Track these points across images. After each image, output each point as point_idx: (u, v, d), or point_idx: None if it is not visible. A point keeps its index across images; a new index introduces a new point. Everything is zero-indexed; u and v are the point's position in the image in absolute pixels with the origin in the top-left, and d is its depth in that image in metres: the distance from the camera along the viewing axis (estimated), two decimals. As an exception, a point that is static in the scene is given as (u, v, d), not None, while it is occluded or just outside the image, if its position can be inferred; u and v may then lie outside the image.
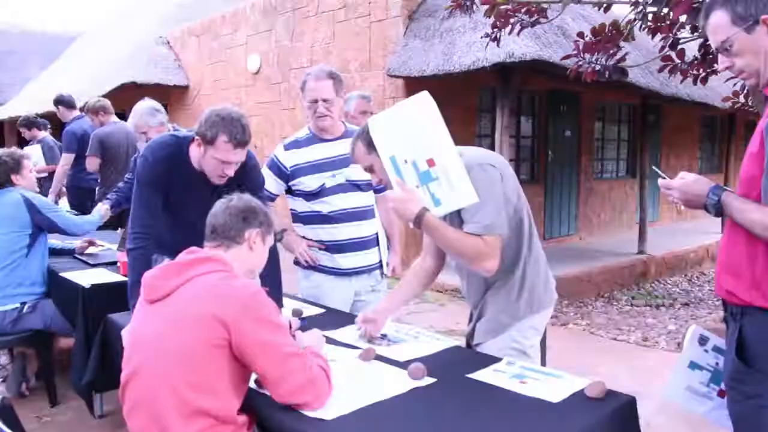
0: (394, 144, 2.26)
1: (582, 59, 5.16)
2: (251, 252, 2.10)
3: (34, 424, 3.57)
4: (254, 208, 2.12)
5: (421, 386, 2.03)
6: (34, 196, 3.89)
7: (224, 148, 2.59)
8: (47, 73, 18.67)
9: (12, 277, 3.74)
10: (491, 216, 2.22)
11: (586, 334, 5.82)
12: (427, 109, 2.20)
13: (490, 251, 2.23)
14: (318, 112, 3.10)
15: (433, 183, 2.23)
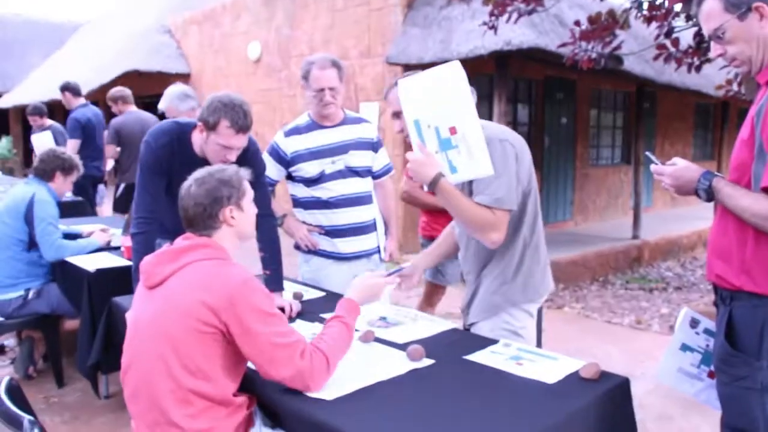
0: (420, 108, 2.28)
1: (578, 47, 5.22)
2: (233, 227, 2.05)
3: (42, 405, 3.64)
4: (216, 185, 2.02)
5: (419, 368, 2.07)
6: (43, 201, 3.84)
7: (226, 134, 2.62)
8: (51, 62, 18.65)
9: (15, 265, 3.79)
10: (503, 190, 2.28)
11: (581, 317, 5.91)
12: (456, 79, 2.22)
13: (498, 224, 2.29)
14: (325, 100, 3.12)
15: (452, 150, 2.26)
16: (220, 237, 2.04)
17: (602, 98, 11.01)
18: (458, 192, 2.32)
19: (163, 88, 4.90)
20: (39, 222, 3.77)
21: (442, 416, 1.75)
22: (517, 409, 1.79)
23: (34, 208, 3.79)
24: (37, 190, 3.86)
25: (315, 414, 1.78)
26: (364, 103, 8.11)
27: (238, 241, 2.09)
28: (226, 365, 1.87)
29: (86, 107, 6.95)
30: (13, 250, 3.78)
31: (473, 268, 2.59)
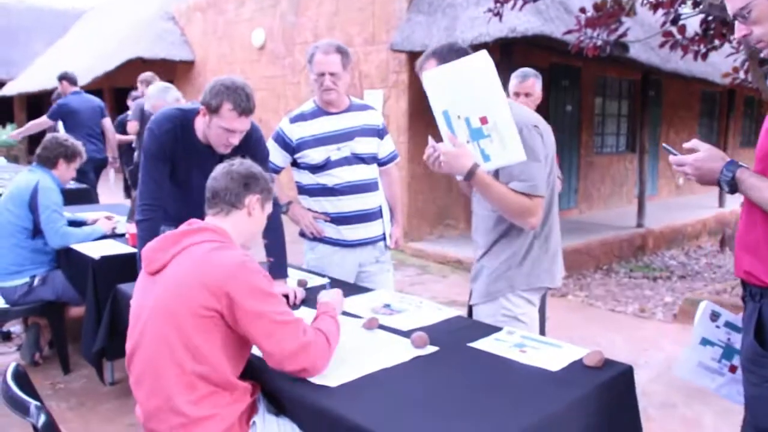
0: (449, 99, 2.28)
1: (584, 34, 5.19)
2: (250, 218, 2.10)
3: (48, 391, 3.67)
4: (255, 174, 2.12)
5: (423, 355, 2.07)
6: (47, 189, 3.85)
7: (229, 117, 2.62)
8: (54, 49, 18.65)
9: (20, 252, 3.80)
10: (537, 177, 2.32)
11: (585, 305, 5.92)
12: (484, 68, 2.21)
13: (535, 209, 2.35)
14: (324, 85, 3.10)
15: (484, 140, 2.27)
16: (233, 220, 2.07)
17: (607, 86, 10.97)
18: (495, 181, 2.35)
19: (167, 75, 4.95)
20: (43, 209, 3.77)
21: (445, 403, 1.76)
22: (520, 397, 1.80)
23: (38, 195, 3.79)
24: (41, 178, 3.87)
25: (319, 401, 1.79)
26: (368, 90, 8.09)
27: (244, 233, 2.11)
28: (227, 349, 1.87)
29: (77, 95, 7.24)
30: (18, 238, 3.79)
31: (483, 242, 2.60)
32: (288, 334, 1.84)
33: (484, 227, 2.58)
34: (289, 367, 1.84)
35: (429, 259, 7.40)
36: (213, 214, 2.09)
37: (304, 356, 1.84)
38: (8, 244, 3.78)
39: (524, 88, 3.90)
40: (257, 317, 1.82)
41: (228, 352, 1.87)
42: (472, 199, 2.68)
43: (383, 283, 3.34)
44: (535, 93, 3.90)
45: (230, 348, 1.88)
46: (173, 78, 12.38)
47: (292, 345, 1.83)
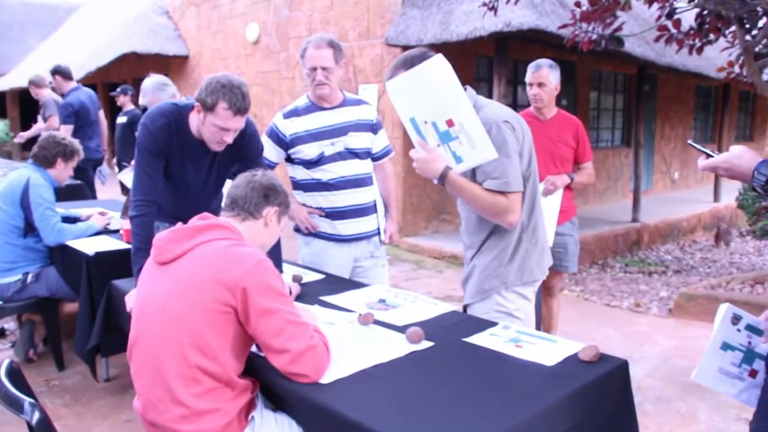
0: (413, 106, 2.30)
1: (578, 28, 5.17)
2: (266, 228, 2.14)
3: (43, 388, 3.65)
4: (276, 187, 2.16)
5: (418, 350, 2.07)
6: (38, 186, 3.82)
7: (224, 115, 2.59)
8: (48, 44, 18.59)
9: (12, 250, 3.78)
10: (511, 173, 2.31)
11: (581, 300, 5.92)
12: (442, 72, 2.23)
13: (512, 206, 2.34)
14: (317, 80, 3.10)
15: (453, 142, 2.29)
16: (248, 227, 2.10)
17: (602, 80, 10.97)
18: (469, 182, 2.36)
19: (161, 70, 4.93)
20: (36, 207, 3.75)
21: (441, 398, 1.76)
22: (516, 391, 1.80)
23: (29, 192, 3.76)
24: (32, 175, 3.84)
25: (315, 396, 1.79)
26: (363, 85, 8.07)
27: (257, 242, 2.12)
28: (235, 346, 1.88)
29: (78, 90, 7.00)
30: (9, 236, 3.77)
31: (472, 242, 2.61)
32: (298, 333, 1.85)
33: (472, 227, 2.59)
34: (294, 368, 1.84)
35: (424, 254, 7.40)
36: (229, 216, 2.11)
37: (311, 357, 1.85)
38: (0, 242, 3.76)
39: (537, 78, 3.86)
40: (269, 314, 1.83)
41: (236, 350, 1.88)
42: (458, 201, 2.69)
43: (378, 278, 3.33)
44: (549, 83, 3.85)
45: (238, 345, 1.89)
46: (167, 72, 12.34)
47: (301, 345, 1.83)
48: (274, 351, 1.85)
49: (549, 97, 3.88)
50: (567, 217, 3.93)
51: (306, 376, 1.85)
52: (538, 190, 2.55)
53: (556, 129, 3.91)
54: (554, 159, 3.86)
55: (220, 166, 2.97)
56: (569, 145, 3.91)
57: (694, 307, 5.21)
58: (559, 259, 3.89)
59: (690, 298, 5.26)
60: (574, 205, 4.07)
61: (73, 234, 3.85)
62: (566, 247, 3.95)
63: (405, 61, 2.38)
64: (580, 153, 3.96)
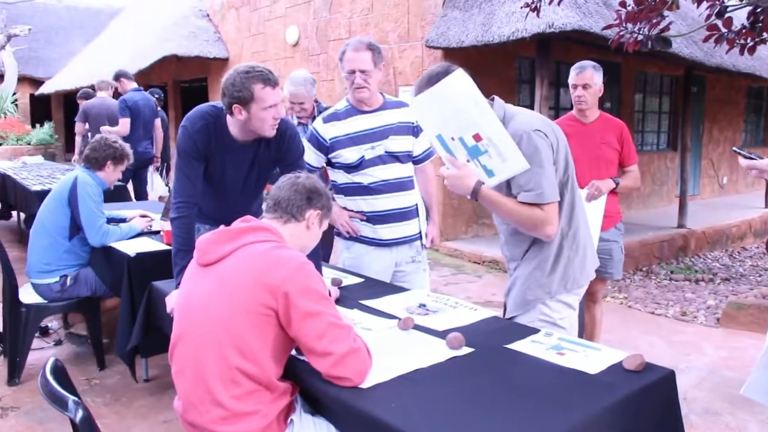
0: (438, 123, 2.28)
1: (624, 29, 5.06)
2: (307, 231, 2.14)
3: (84, 386, 3.70)
4: (319, 190, 2.16)
5: (459, 356, 2.04)
6: (85, 184, 3.85)
7: (265, 95, 2.59)
8: (91, 48, 18.99)
9: (55, 252, 3.82)
10: (545, 183, 2.25)
11: (624, 307, 5.79)
12: (464, 86, 2.20)
13: (548, 218, 2.28)
14: (355, 83, 3.07)
15: (483, 156, 2.26)
16: (290, 229, 2.10)
17: (648, 82, 10.76)
18: (502, 196, 2.32)
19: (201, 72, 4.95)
20: (83, 206, 3.78)
21: (481, 405, 1.72)
22: (558, 400, 1.75)
23: (77, 190, 3.80)
24: (80, 174, 3.89)
25: (353, 401, 1.78)
26: (403, 88, 8.04)
27: (298, 245, 2.13)
28: (276, 349, 1.87)
29: (137, 91, 7.45)
30: (55, 237, 3.81)
31: (513, 254, 2.56)
32: (341, 336, 1.84)
33: (511, 239, 2.54)
34: (338, 371, 1.82)
35: (464, 259, 7.33)
36: (271, 218, 2.11)
37: (354, 360, 1.83)
38: (45, 243, 3.81)
39: (581, 80, 3.80)
40: (312, 316, 1.82)
41: (276, 353, 1.88)
42: (493, 214, 2.63)
43: (419, 283, 3.29)
44: (594, 85, 3.78)
45: (278, 348, 1.89)
46: (207, 75, 12.50)
47: (344, 347, 1.82)
48: (316, 354, 1.83)
49: (593, 99, 3.81)
50: (612, 223, 3.84)
51: (349, 380, 1.83)
52: (577, 195, 2.48)
53: (600, 132, 3.82)
54: (598, 162, 3.76)
55: (260, 168, 2.96)
56: (614, 148, 3.82)
57: (744, 317, 5.05)
58: (604, 266, 3.77)
59: (740, 308, 5.10)
60: (620, 210, 3.96)
61: (117, 236, 3.89)
62: (611, 254, 3.85)
63: (429, 79, 2.33)
64: (625, 156, 3.86)
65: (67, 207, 3.82)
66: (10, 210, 8.52)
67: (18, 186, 6.70)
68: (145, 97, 7.56)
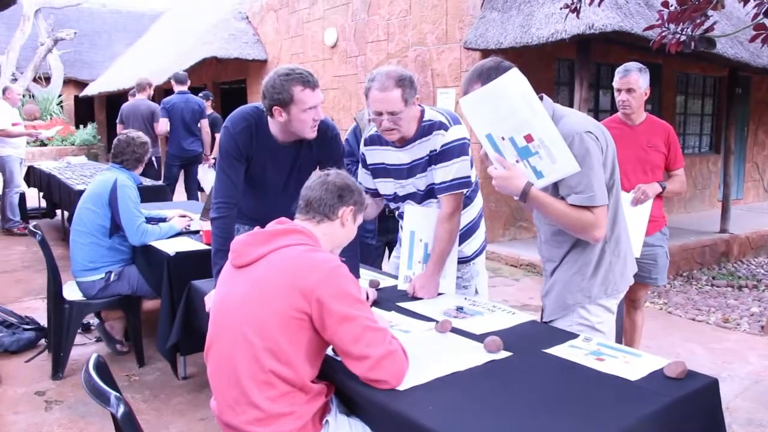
0: (489, 122, 2.26)
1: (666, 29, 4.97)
2: (342, 228, 2.13)
3: (124, 382, 3.76)
4: (350, 186, 2.15)
5: (496, 359, 2.03)
6: (125, 187, 3.92)
7: (304, 96, 2.60)
8: (133, 50, 19.34)
9: (97, 250, 3.90)
10: (594, 187, 2.22)
11: (663, 313, 5.69)
12: (518, 86, 2.18)
13: (598, 221, 2.25)
14: (383, 126, 2.66)
15: (533, 157, 2.24)
16: (324, 228, 2.09)
17: (690, 83, 10.56)
18: (552, 198, 2.29)
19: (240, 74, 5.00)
20: (123, 207, 3.87)
21: (519, 410, 1.71)
22: (598, 406, 1.73)
23: (117, 193, 3.89)
24: (119, 176, 3.97)
25: (389, 403, 1.77)
26: (441, 90, 8.02)
27: (333, 243, 2.13)
28: (309, 352, 1.87)
29: (179, 95, 7.99)
30: (96, 236, 3.90)
31: (551, 255, 2.53)
32: (376, 339, 1.82)
33: (552, 240, 2.51)
34: (374, 374, 1.81)
35: (501, 262, 7.28)
36: (304, 219, 2.11)
37: (390, 363, 1.82)
38: (87, 242, 3.90)
39: (625, 84, 3.71)
40: (346, 320, 1.81)
41: (310, 356, 1.88)
42: (533, 213, 2.60)
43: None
44: (638, 88, 3.68)
45: (312, 351, 1.88)
46: (246, 77, 12.63)
47: (380, 351, 1.81)
48: (353, 358, 1.83)
49: (638, 103, 3.72)
50: (657, 227, 3.74)
51: (386, 382, 1.82)
52: (621, 199, 2.45)
53: (646, 135, 3.74)
54: (644, 166, 3.68)
55: (300, 169, 2.97)
56: (660, 152, 3.73)
57: (790, 325, 4.92)
58: (648, 271, 3.71)
59: (784, 314, 4.97)
60: (664, 214, 3.86)
61: (156, 235, 3.96)
62: (656, 259, 3.75)
63: (480, 73, 2.31)
64: (671, 159, 3.77)
65: (107, 208, 3.90)
66: (55, 209, 8.75)
67: (62, 185, 6.87)
68: (185, 99, 7.91)
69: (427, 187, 2.82)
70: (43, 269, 5.43)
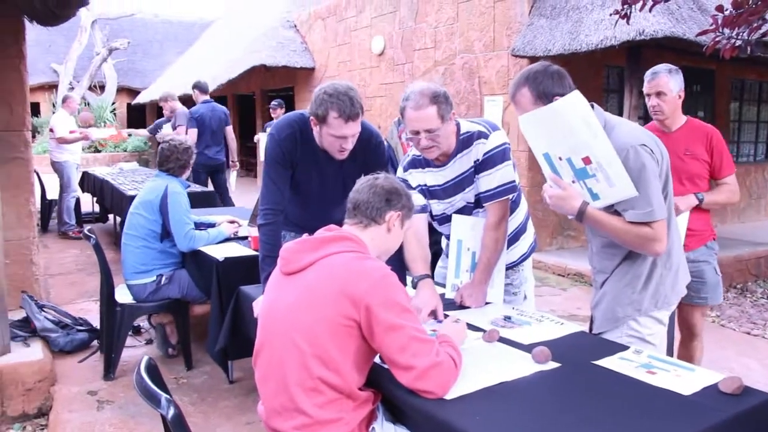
0: (547, 142, 2.25)
1: (720, 34, 4.85)
2: (389, 233, 2.11)
3: (173, 385, 3.83)
4: (398, 190, 2.13)
5: (545, 370, 2.00)
6: (176, 194, 4.02)
7: (336, 124, 2.60)
8: (183, 59, 19.77)
9: (149, 253, 4.00)
10: (653, 201, 2.18)
11: (716, 326, 5.53)
12: (578, 108, 2.17)
13: (658, 235, 2.21)
14: (422, 145, 2.62)
15: (590, 179, 2.23)
16: (371, 233, 2.08)
17: (745, 89, 10.28)
18: (609, 216, 2.26)
19: (288, 81, 5.04)
20: (174, 214, 3.96)
21: (567, 423, 1.68)
22: (649, 420, 1.69)
23: (168, 200, 3.98)
24: (169, 184, 4.07)
25: (436, 412, 1.76)
26: (488, 97, 7.98)
27: (380, 248, 2.12)
28: (358, 359, 1.87)
29: (205, 104, 8.04)
30: (148, 240, 4.00)
31: (603, 267, 2.49)
32: (423, 350, 1.82)
33: (603, 251, 2.47)
34: (420, 385, 1.81)
35: (548, 271, 7.19)
36: (352, 224, 2.10)
37: (436, 374, 1.81)
38: (138, 245, 3.99)
39: (654, 87, 3.36)
40: (394, 330, 1.81)
41: (358, 363, 1.88)
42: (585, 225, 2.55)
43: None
44: (669, 91, 3.33)
45: (360, 358, 1.88)
46: (294, 84, 12.77)
47: (426, 361, 1.80)
48: (399, 367, 1.83)
49: (671, 108, 3.37)
50: (701, 241, 3.41)
51: (432, 393, 1.81)
52: (673, 211, 2.39)
53: (684, 141, 3.40)
54: (680, 175, 3.30)
55: (345, 176, 2.98)
56: (700, 159, 3.38)
57: None
58: (696, 290, 3.34)
59: None
60: (712, 227, 3.51)
61: (204, 240, 4.04)
62: (702, 276, 3.38)
63: (527, 77, 2.30)
64: (717, 167, 3.41)
65: (158, 214, 3.99)
66: (107, 214, 8.99)
67: (115, 191, 7.04)
68: (211, 108, 8.03)
69: (475, 197, 2.81)
70: (96, 272, 5.59)
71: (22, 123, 4.59)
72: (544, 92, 2.26)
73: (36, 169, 5.53)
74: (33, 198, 4.81)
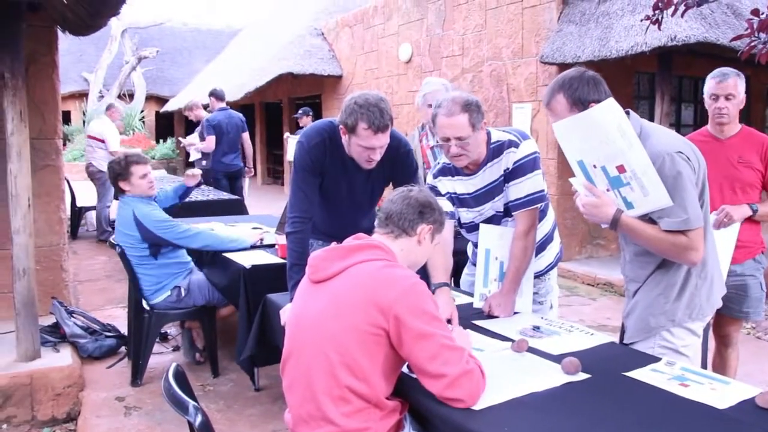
0: (582, 149, 2.23)
1: (756, 39, 4.76)
2: (419, 246, 2.10)
3: (199, 392, 3.83)
4: (432, 204, 2.12)
5: (574, 381, 1.97)
6: (145, 214, 3.89)
7: (365, 135, 2.59)
8: (211, 67, 20.00)
9: (154, 272, 3.99)
10: (689, 210, 2.14)
11: (751, 337, 5.41)
12: (613, 117, 2.14)
13: (694, 244, 2.16)
14: (451, 152, 2.64)
15: (624, 188, 2.20)
16: (401, 244, 2.07)
17: (781, 96, 10.09)
18: (643, 224, 2.22)
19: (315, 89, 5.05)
20: (155, 231, 3.87)
21: (600, 436, 1.64)
22: (683, 435, 1.65)
23: (143, 223, 3.88)
24: (133, 207, 3.93)
25: (464, 422, 1.74)
26: (516, 104, 7.93)
27: (409, 260, 2.11)
28: (386, 368, 1.86)
29: (222, 111, 8.13)
30: (146, 261, 3.96)
31: (635, 276, 2.44)
32: (453, 358, 1.81)
33: (636, 260, 2.42)
34: (450, 393, 1.80)
35: (577, 280, 7.11)
36: (382, 233, 2.10)
37: (467, 382, 1.80)
38: (142, 269, 3.98)
39: (724, 89, 3.27)
40: (423, 338, 1.80)
41: (386, 372, 1.87)
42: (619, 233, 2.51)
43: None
44: (738, 94, 3.27)
45: (388, 367, 1.88)
46: (321, 92, 12.83)
47: (457, 369, 1.79)
48: (429, 376, 1.81)
49: (736, 111, 3.29)
50: (750, 254, 3.30)
51: (462, 401, 1.80)
52: (709, 220, 2.34)
53: (738, 149, 3.30)
54: (733, 184, 3.26)
55: (373, 185, 2.98)
56: (754, 168, 3.28)
57: None
58: (738, 303, 3.29)
59: None
60: (762, 239, 3.38)
61: (213, 237, 4.03)
62: (746, 290, 3.29)
63: (562, 83, 2.28)
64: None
65: (140, 239, 3.90)
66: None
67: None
68: (228, 115, 8.10)
69: (505, 206, 2.81)
70: (123, 279, 5.65)
71: (54, 131, 4.66)
72: (580, 99, 2.23)
73: (66, 176, 5.60)
74: (63, 205, 4.87)
